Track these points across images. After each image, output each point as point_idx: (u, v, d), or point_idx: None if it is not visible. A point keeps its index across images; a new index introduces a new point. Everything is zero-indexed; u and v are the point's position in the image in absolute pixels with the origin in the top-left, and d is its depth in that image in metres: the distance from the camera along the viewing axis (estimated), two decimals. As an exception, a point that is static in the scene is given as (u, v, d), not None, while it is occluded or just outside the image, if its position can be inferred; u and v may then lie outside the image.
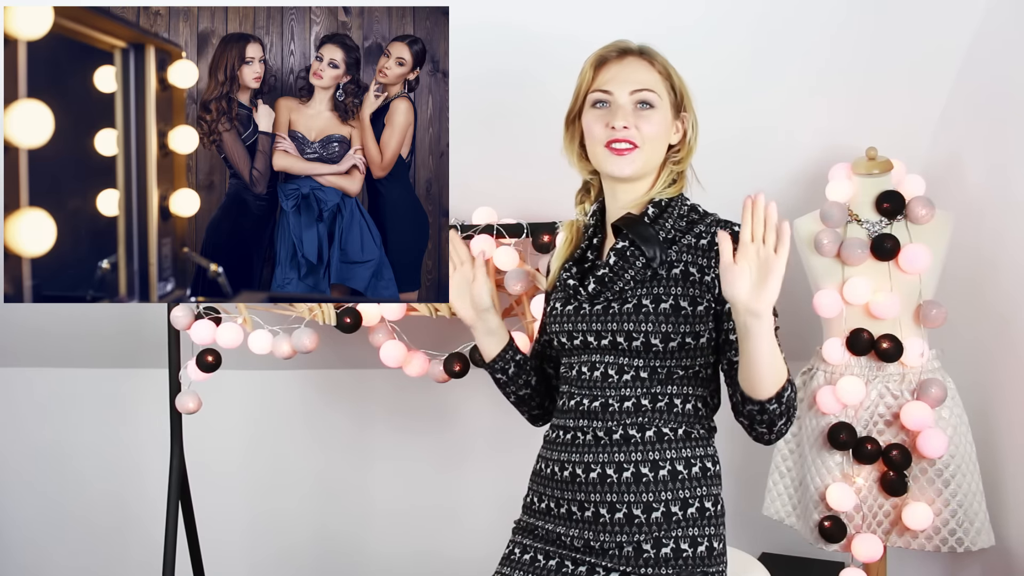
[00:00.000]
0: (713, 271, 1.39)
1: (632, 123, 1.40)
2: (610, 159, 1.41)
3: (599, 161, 1.44)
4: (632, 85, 1.41)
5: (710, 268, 1.39)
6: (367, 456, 2.80)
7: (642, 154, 1.41)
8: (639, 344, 1.37)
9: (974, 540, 1.91)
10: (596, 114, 1.43)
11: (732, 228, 1.40)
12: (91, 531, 2.94)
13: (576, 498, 1.40)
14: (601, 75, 1.44)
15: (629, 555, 1.36)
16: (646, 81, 1.42)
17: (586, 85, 1.45)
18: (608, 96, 1.42)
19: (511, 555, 1.49)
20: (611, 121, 1.40)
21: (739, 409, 1.37)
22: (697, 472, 1.39)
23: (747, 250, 1.23)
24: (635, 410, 1.39)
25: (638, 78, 1.42)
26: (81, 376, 2.90)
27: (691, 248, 1.41)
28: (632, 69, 1.43)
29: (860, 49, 2.00)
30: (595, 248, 1.51)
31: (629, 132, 1.40)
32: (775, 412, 1.32)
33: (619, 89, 1.41)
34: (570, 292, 1.46)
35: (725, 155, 2.07)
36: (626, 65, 1.43)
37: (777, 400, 1.31)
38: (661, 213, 1.43)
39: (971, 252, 2.08)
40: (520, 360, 1.59)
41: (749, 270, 1.23)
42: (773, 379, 1.29)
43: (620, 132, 1.40)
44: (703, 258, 1.40)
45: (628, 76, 1.42)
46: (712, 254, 1.40)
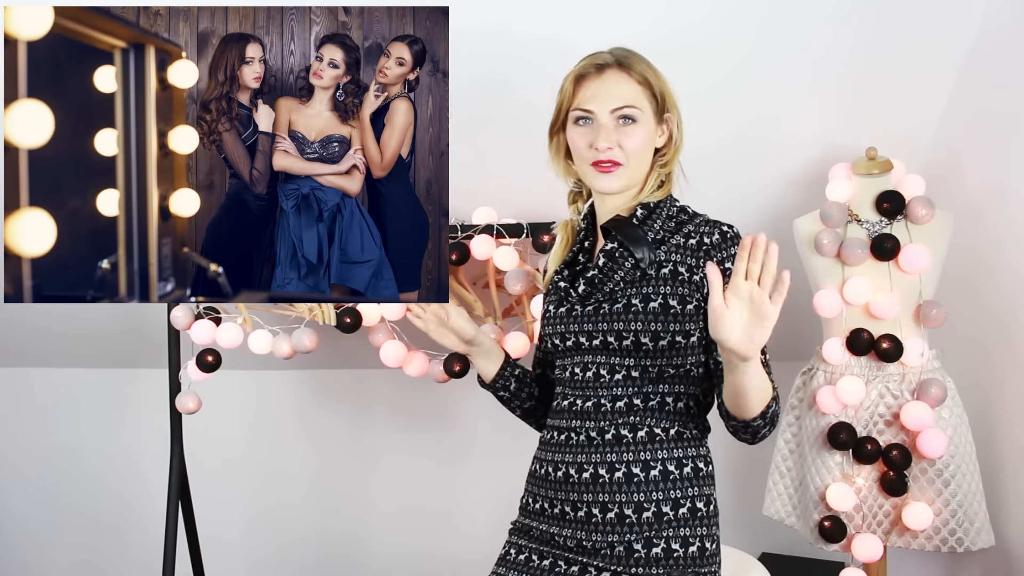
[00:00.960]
0: (701, 271, 1.39)
1: (615, 141, 1.41)
2: (596, 177, 1.43)
3: (586, 177, 1.46)
4: (612, 103, 1.41)
5: (699, 267, 1.39)
6: (367, 456, 2.80)
7: (627, 170, 1.42)
8: (629, 343, 1.38)
9: (974, 540, 1.91)
10: (579, 131, 1.44)
11: (721, 227, 1.41)
12: (92, 530, 2.94)
13: (569, 498, 1.41)
14: (581, 92, 1.44)
15: (620, 555, 1.37)
16: (626, 96, 1.42)
17: (567, 102, 1.45)
18: (589, 115, 1.43)
19: (507, 555, 1.51)
20: (594, 142, 1.41)
21: (724, 419, 1.39)
22: (689, 472, 1.40)
23: (740, 291, 1.17)
24: (627, 410, 1.40)
25: (618, 94, 1.41)
26: (81, 376, 2.90)
27: (680, 248, 1.42)
28: (612, 84, 1.42)
29: (860, 49, 2.00)
30: (586, 251, 1.53)
31: (612, 152, 1.41)
32: (758, 426, 1.34)
33: (600, 108, 1.41)
34: (562, 294, 1.48)
35: (725, 155, 2.07)
36: (605, 80, 1.43)
37: (761, 417, 1.33)
38: (650, 215, 1.44)
39: (971, 252, 2.08)
40: (519, 374, 1.62)
41: (740, 312, 1.18)
42: (758, 402, 1.30)
43: (604, 153, 1.41)
44: (692, 257, 1.40)
45: (608, 93, 1.42)
46: (701, 253, 1.40)
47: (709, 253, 1.40)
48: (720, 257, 1.39)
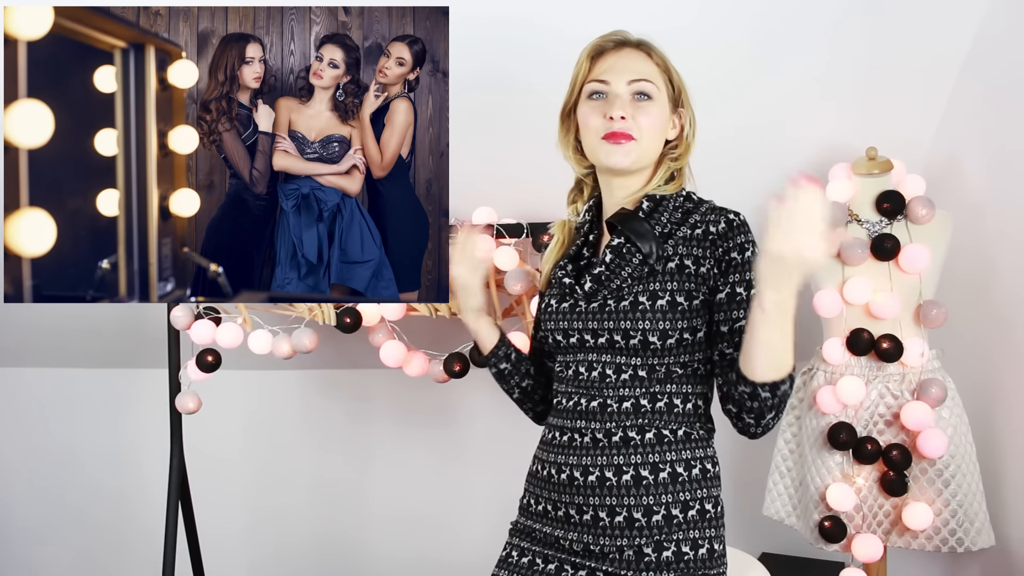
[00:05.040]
0: (708, 262, 1.37)
1: (629, 114, 1.38)
2: (607, 150, 1.39)
3: (595, 153, 1.42)
4: (630, 75, 1.40)
5: (705, 259, 1.37)
6: (367, 456, 2.80)
7: (639, 146, 1.39)
8: (636, 342, 1.36)
9: (974, 540, 1.91)
10: (593, 105, 1.42)
11: (727, 215, 1.38)
12: (92, 529, 2.94)
13: (574, 501, 1.38)
14: (598, 65, 1.42)
15: (630, 559, 1.35)
16: (644, 72, 1.40)
17: (582, 76, 1.43)
18: (605, 87, 1.41)
19: (508, 558, 1.48)
20: (608, 111, 1.39)
21: (730, 394, 1.32)
22: (697, 474, 1.38)
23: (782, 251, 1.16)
24: (634, 411, 1.37)
25: (636, 68, 1.40)
26: (81, 376, 2.90)
27: (686, 240, 1.39)
28: (630, 59, 1.41)
29: (861, 49, 2.00)
30: (591, 245, 1.50)
31: (626, 123, 1.38)
32: (765, 400, 1.27)
33: (616, 79, 1.40)
34: (565, 290, 1.45)
35: (725, 155, 2.07)
36: (623, 56, 1.42)
37: (772, 390, 1.26)
38: (656, 207, 1.42)
39: (971, 252, 2.08)
40: (516, 352, 1.59)
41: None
42: (779, 364, 1.24)
43: (618, 123, 1.38)
44: (698, 248, 1.38)
45: (626, 66, 1.40)
46: (707, 243, 1.38)
47: (715, 243, 1.37)
48: (726, 247, 1.37)
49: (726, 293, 1.36)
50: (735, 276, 1.36)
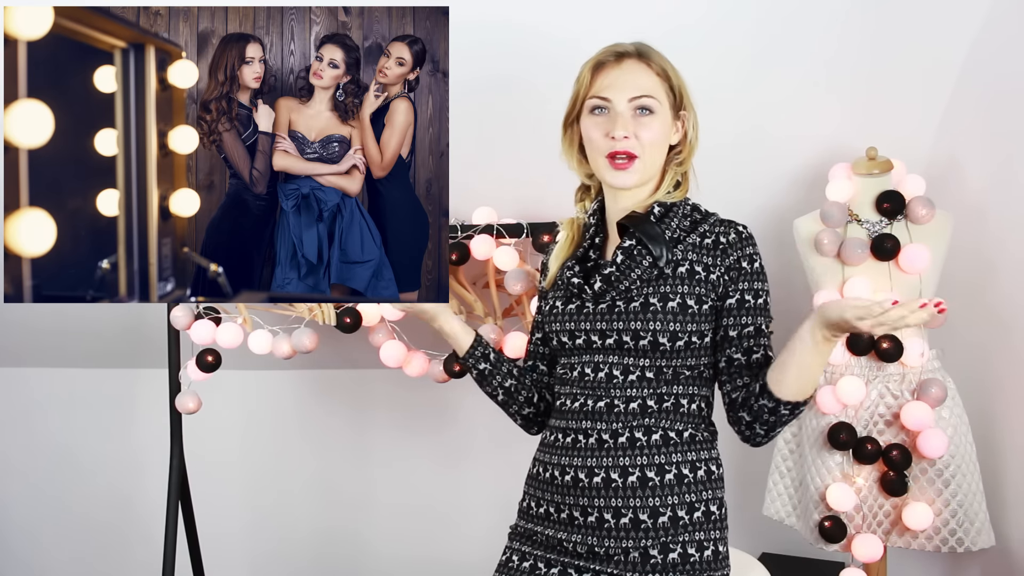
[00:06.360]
0: (718, 269, 1.39)
1: (631, 131, 1.39)
2: (610, 172, 1.41)
3: (600, 171, 1.44)
4: (631, 92, 1.40)
5: (715, 266, 1.39)
6: (367, 456, 2.80)
7: (642, 163, 1.40)
8: (646, 343, 1.36)
9: (974, 540, 1.91)
10: (595, 120, 1.42)
11: (736, 227, 1.41)
12: (92, 529, 2.94)
13: (579, 503, 1.38)
14: (599, 80, 1.42)
15: (636, 561, 1.35)
16: (645, 87, 1.40)
17: (584, 91, 1.44)
18: (606, 103, 1.41)
19: (508, 562, 1.47)
20: (610, 131, 1.39)
21: (747, 403, 1.36)
22: (702, 476, 1.38)
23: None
24: (641, 411, 1.37)
25: (637, 83, 1.40)
26: (81, 376, 2.90)
27: (696, 247, 1.41)
28: (630, 74, 1.41)
29: (861, 49, 2.00)
30: (596, 247, 1.50)
31: (629, 142, 1.39)
32: (783, 416, 1.33)
33: (617, 96, 1.40)
34: (573, 291, 1.44)
35: (725, 155, 2.07)
36: (624, 70, 1.42)
37: (792, 409, 1.32)
38: (667, 213, 1.43)
39: (971, 252, 2.08)
40: (495, 352, 1.58)
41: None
42: (807, 388, 1.31)
43: (620, 143, 1.39)
44: (708, 256, 1.40)
45: (626, 82, 1.40)
46: (717, 252, 1.40)
47: (726, 252, 1.39)
48: (736, 256, 1.39)
49: (736, 299, 1.38)
50: (744, 284, 1.39)
